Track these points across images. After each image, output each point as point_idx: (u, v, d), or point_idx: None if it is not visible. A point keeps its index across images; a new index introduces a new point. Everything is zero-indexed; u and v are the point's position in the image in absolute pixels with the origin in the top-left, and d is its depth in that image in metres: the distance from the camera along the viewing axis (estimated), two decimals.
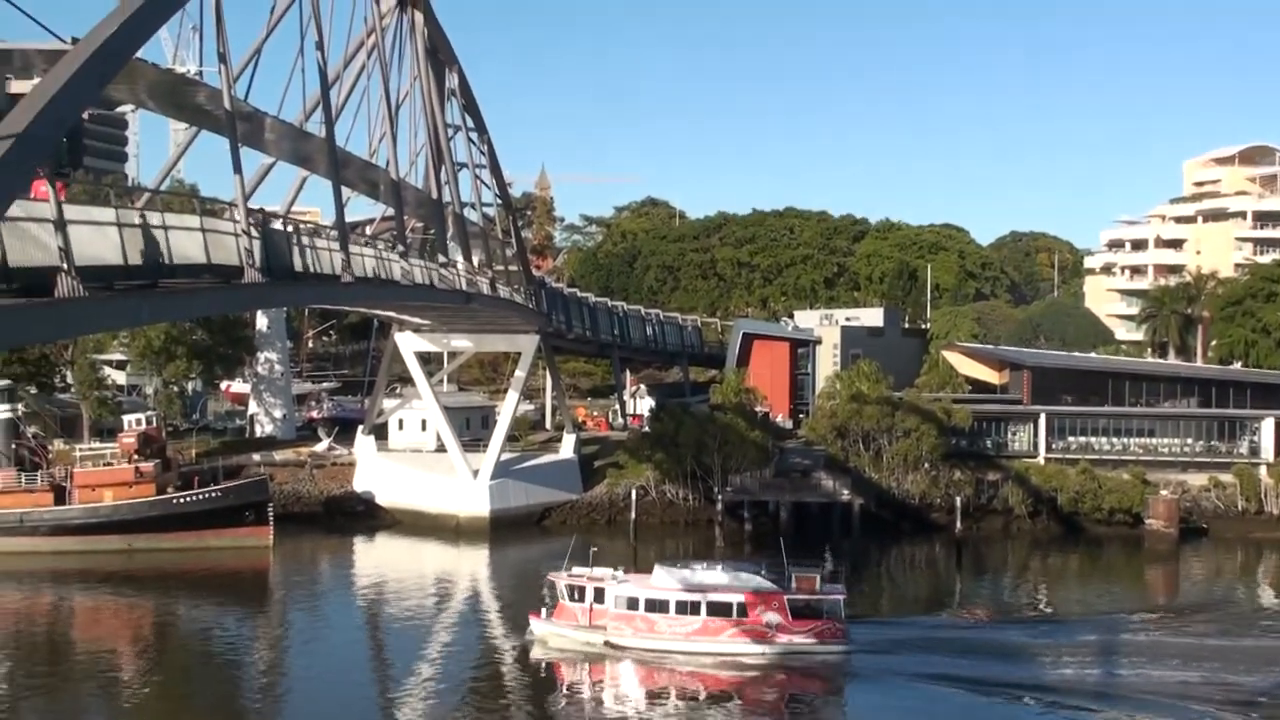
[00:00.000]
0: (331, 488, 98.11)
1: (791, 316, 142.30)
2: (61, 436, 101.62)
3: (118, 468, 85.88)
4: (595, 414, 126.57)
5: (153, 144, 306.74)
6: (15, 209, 22.55)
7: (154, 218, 32.19)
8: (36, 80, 26.26)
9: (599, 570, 60.61)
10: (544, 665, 58.02)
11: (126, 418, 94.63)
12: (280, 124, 50.48)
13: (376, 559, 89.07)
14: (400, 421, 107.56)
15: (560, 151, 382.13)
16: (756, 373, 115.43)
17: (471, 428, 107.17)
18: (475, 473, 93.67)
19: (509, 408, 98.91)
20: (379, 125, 67.67)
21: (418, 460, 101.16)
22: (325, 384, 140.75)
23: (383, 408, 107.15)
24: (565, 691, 54.99)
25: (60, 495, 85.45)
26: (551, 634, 59.41)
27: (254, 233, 37.41)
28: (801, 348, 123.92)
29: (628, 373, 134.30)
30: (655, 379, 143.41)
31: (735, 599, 57.80)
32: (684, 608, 57.80)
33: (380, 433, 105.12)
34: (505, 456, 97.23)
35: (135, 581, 77.94)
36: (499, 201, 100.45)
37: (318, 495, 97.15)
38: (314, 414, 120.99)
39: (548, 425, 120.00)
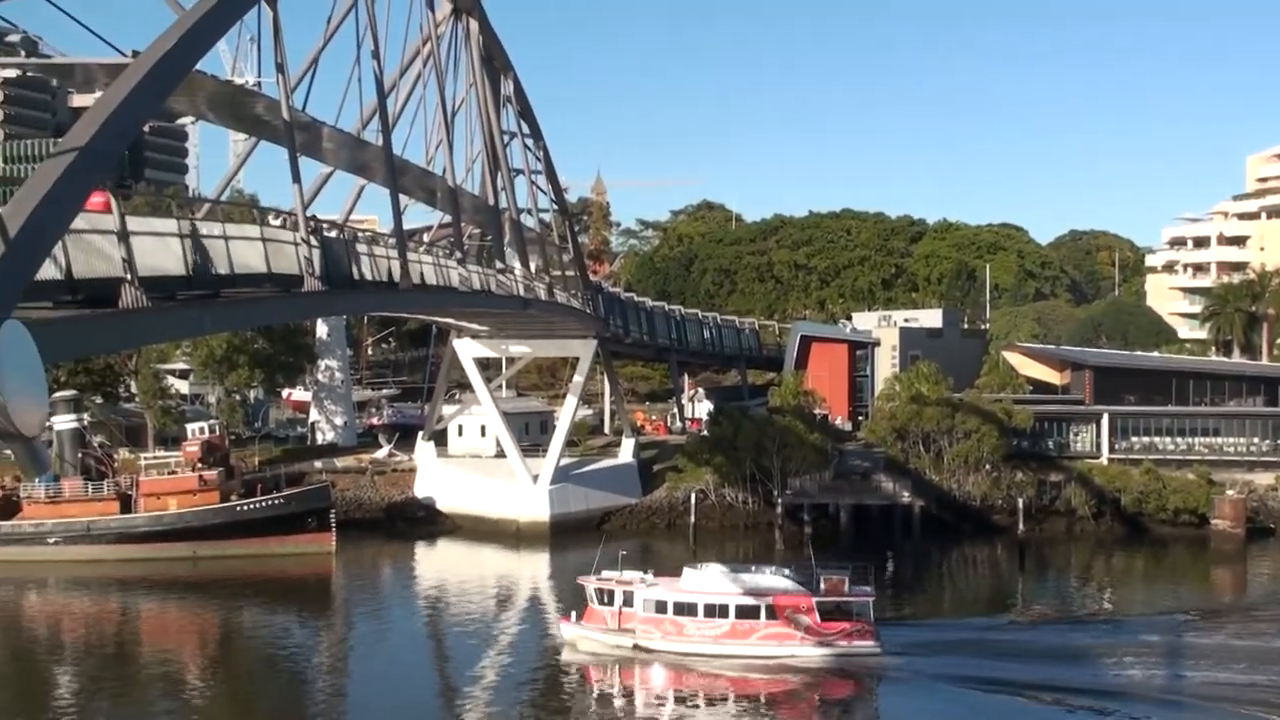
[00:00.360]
0: (392, 494, 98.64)
1: (849, 318, 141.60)
2: (126, 445, 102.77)
3: (182, 476, 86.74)
4: (654, 418, 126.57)
5: (212, 155, 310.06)
6: (79, 221, 22.82)
7: (215, 228, 32.54)
8: (98, 94, 26.59)
9: (629, 574, 60.61)
10: (575, 668, 58.10)
11: (190, 426, 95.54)
12: (338, 133, 50.88)
13: (437, 564, 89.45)
14: (460, 427, 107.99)
15: (615, 156, 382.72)
16: (815, 375, 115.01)
17: (530, 433, 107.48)
18: (535, 478, 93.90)
19: (567, 412, 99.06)
20: (435, 133, 68.15)
21: (477, 466, 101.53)
22: (385, 391, 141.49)
23: (442, 414, 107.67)
24: (594, 694, 55.17)
25: (126, 504, 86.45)
26: (581, 637, 59.56)
27: (313, 241, 37.70)
28: (860, 349, 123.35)
29: (686, 376, 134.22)
30: (713, 382, 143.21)
31: (764, 601, 57.49)
32: (712, 611, 57.56)
33: (440, 439, 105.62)
34: (564, 461, 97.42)
35: (200, 588, 78.69)
36: (555, 207, 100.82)
37: (379, 501, 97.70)
38: (374, 421, 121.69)
39: (606, 430, 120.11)
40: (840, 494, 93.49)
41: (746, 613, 57.35)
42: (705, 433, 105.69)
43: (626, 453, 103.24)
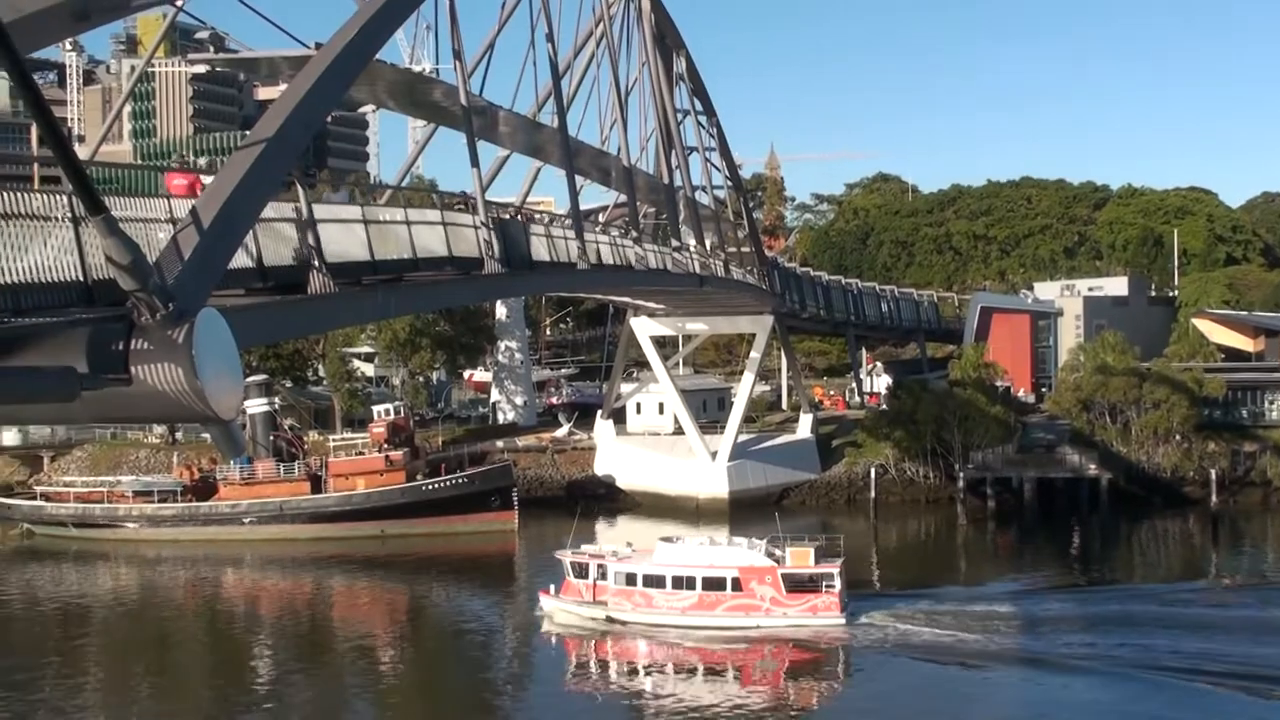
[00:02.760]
0: (573, 472, 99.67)
1: (1031, 288, 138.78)
2: (315, 427, 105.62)
3: (369, 457, 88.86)
4: (832, 393, 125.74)
5: (392, 142, 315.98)
6: (268, 210, 23.49)
7: (397, 213, 33.20)
8: (283, 86, 27.28)
9: (608, 547, 62.60)
10: (554, 638, 60.09)
11: (376, 408, 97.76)
12: (514, 116, 51.52)
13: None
14: (638, 405, 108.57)
15: (789, 131, 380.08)
16: (996, 347, 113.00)
17: (708, 410, 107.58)
18: (713, 454, 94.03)
19: (745, 389, 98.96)
20: (609, 113, 68.52)
21: (656, 443, 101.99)
22: (564, 370, 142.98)
23: (620, 392, 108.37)
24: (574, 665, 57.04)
25: (316, 484, 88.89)
26: (558, 609, 61.05)
27: (492, 225, 38.23)
28: (1042, 320, 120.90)
29: (864, 350, 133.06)
30: (891, 356, 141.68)
31: (729, 574, 58.41)
32: (679, 583, 58.79)
33: (619, 417, 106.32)
34: (743, 437, 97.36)
35: (388, 566, 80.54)
36: (730, 184, 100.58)
37: (560, 480, 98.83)
38: (554, 400, 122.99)
39: (784, 405, 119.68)
40: (1024, 467, 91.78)
41: (712, 585, 58.38)
42: (884, 407, 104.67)
43: (805, 428, 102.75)
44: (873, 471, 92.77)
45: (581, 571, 60.55)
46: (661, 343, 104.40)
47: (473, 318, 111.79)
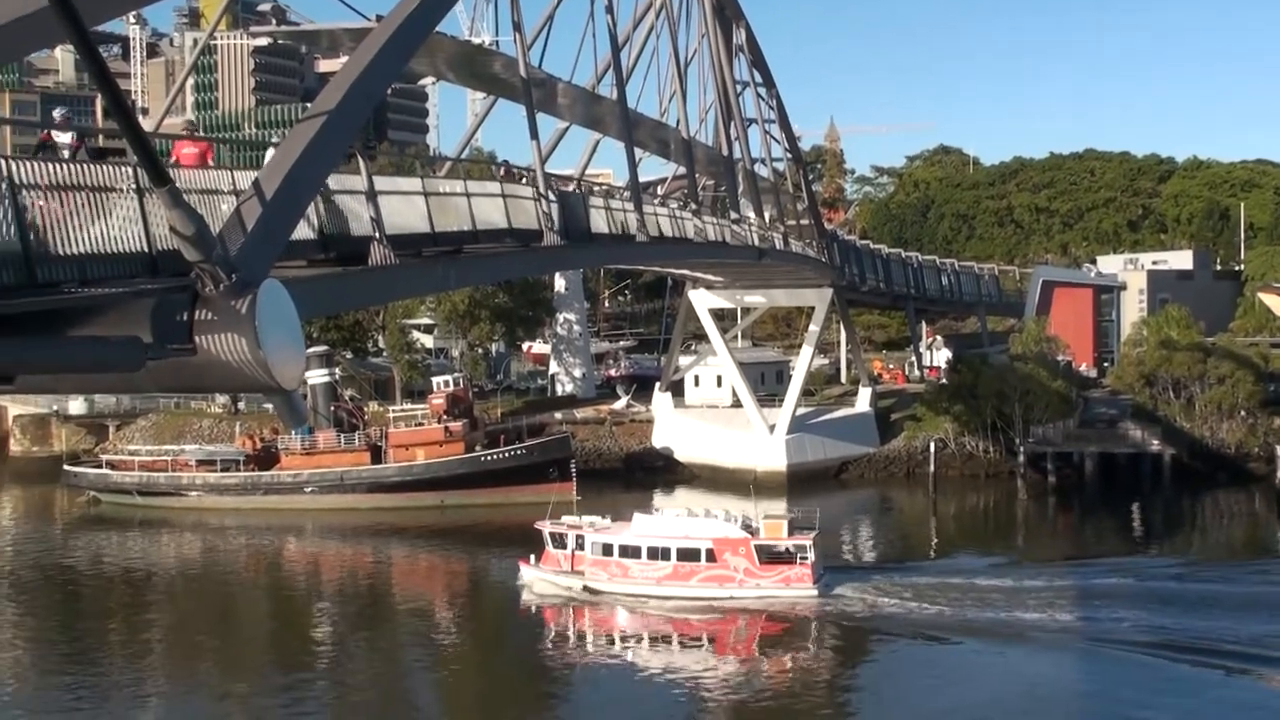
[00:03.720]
0: (631, 444, 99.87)
1: (1093, 262, 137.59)
2: (375, 398, 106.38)
3: (429, 428, 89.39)
4: (891, 366, 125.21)
5: (451, 114, 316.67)
6: (330, 182, 23.64)
7: (457, 185, 33.31)
8: (344, 58, 27.40)
9: (588, 518, 63.26)
10: (534, 608, 60.95)
11: (435, 379, 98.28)
12: (573, 88, 51.54)
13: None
14: (696, 378, 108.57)
15: (849, 103, 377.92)
16: (1057, 321, 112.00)
17: (766, 383, 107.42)
18: (771, 427, 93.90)
19: (803, 362, 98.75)
20: (668, 85, 68.45)
21: (714, 416, 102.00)
22: (622, 343, 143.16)
23: (679, 365, 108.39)
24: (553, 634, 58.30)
25: (376, 454, 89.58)
26: (537, 579, 62.02)
27: (551, 197, 38.28)
28: (1105, 294, 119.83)
29: (923, 324, 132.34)
30: (951, 329, 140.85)
31: (704, 545, 59.31)
32: (655, 553, 59.74)
33: (677, 389, 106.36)
34: (801, 411, 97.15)
35: (447, 536, 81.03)
36: (789, 156, 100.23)
37: (618, 452, 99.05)
38: (612, 372, 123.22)
39: (843, 379, 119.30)
40: (1085, 442, 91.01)
41: (687, 555, 59.32)
42: (944, 381, 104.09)
43: (863, 402, 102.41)
44: (932, 445, 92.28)
45: (560, 542, 61.59)
46: (720, 315, 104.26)
47: (532, 290, 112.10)
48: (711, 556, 59.15)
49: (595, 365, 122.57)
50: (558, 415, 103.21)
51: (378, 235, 25.76)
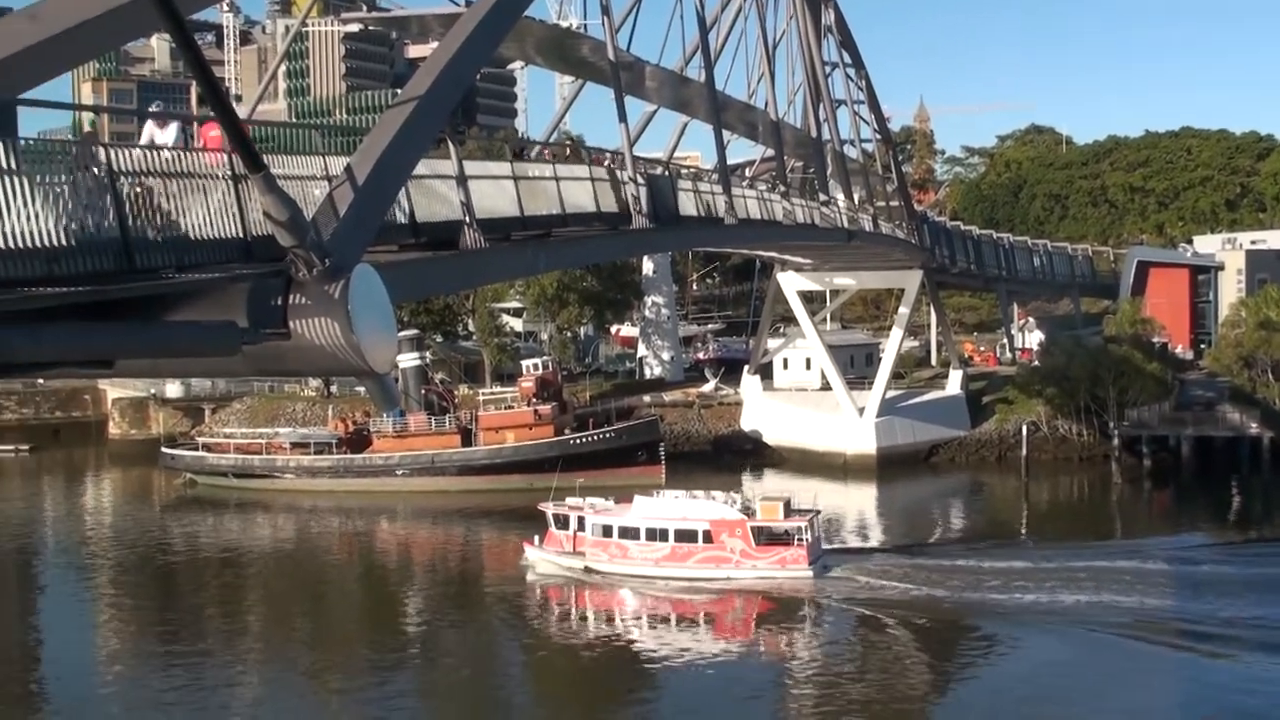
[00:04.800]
0: (719, 427, 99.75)
1: (1190, 242, 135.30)
2: (465, 382, 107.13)
3: (518, 411, 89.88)
4: (982, 349, 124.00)
5: (540, 98, 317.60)
6: (420, 167, 23.81)
7: (545, 169, 33.42)
8: (434, 44, 27.57)
9: (592, 500, 64.12)
10: (539, 588, 62.15)
11: (524, 363, 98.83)
12: (661, 71, 51.45)
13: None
14: (785, 361, 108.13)
15: (939, 83, 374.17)
16: (1153, 302, 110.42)
17: (855, 365, 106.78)
18: (861, 410, 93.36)
19: (893, 344, 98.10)
20: (757, 66, 68.12)
21: (803, 399, 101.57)
22: (710, 326, 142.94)
23: (767, 347, 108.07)
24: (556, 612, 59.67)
25: (467, 437, 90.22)
26: (540, 560, 63.17)
27: (640, 180, 38.29)
28: (1202, 274, 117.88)
29: (1015, 305, 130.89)
30: (1044, 311, 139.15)
31: (701, 526, 60.15)
32: (653, 535, 60.63)
33: (765, 372, 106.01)
34: (891, 393, 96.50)
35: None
36: (878, 137, 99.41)
37: (706, 435, 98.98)
38: (700, 355, 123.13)
39: (933, 361, 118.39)
40: (1181, 425, 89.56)
41: (684, 537, 60.18)
42: (1036, 363, 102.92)
43: (954, 384, 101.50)
44: (1024, 429, 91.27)
45: (563, 523, 62.69)
46: (809, 298, 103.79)
47: (620, 273, 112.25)
48: (708, 538, 60.12)
49: (683, 348, 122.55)
50: (646, 398, 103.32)
51: (468, 219, 25.89)
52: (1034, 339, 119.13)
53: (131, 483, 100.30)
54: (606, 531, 61.59)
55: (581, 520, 62.20)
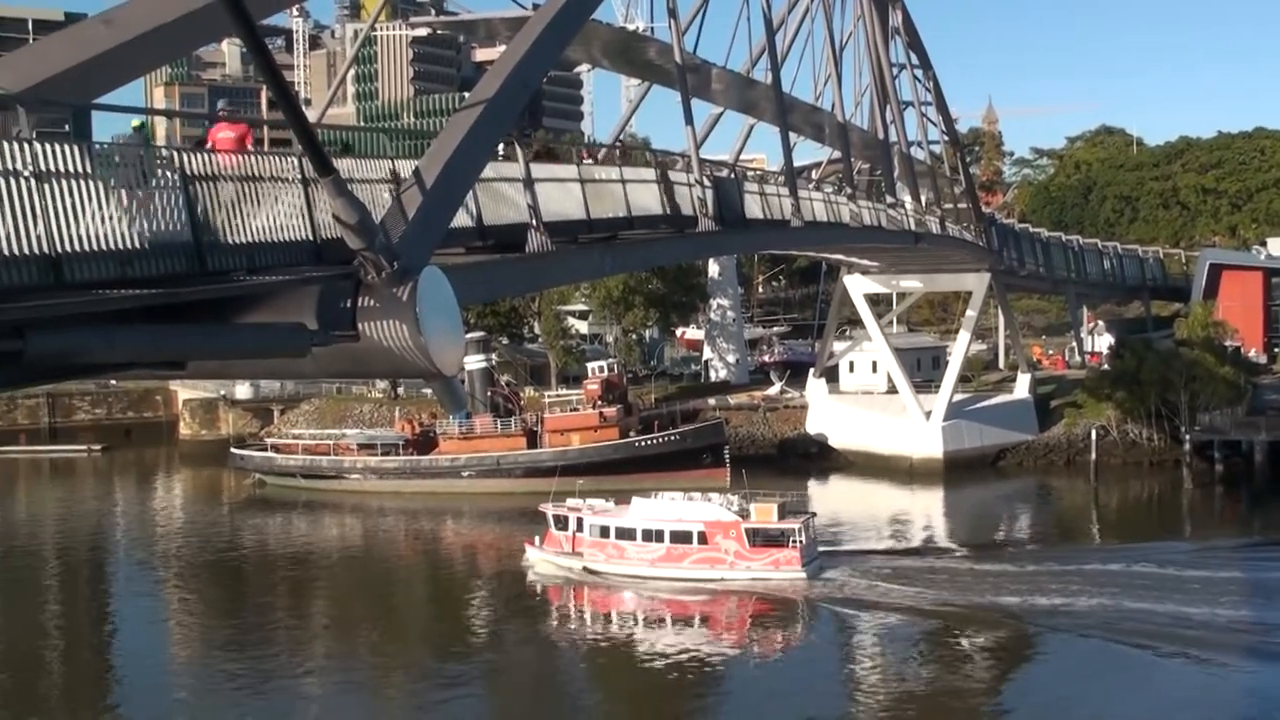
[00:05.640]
0: (785, 430, 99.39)
1: (1264, 244, 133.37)
2: (531, 384, 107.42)
3: (584, 413, 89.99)
4: (1051, 352, 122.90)
5: (606, 101, 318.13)
6: (488, 170, 23.92)
7: (612, 172, 33.47)
8: (501, 48, 27.71)
9: (593, 501, 65.34)
10: (539, 588, 63.37)
11: (590, 365, 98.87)
12: (727, 74, 51.42)
13: (830, 500, 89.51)
14: (850, 364, 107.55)
15: (1008, 84, 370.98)
16: (1226, 305, 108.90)
17: (922, 369, 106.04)
18: (928, 414, 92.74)
19: (960, 348, 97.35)
20: (823, 68, 67.89)
21: (869, 402, 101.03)
22: (776, 328, 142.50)
23: (833, 350, 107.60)
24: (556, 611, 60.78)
25: (532, 439, 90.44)
26: (540, 560, 64.43)
27: (706, 183, 38.27)
28: (1276, 277, 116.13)
29: (1084, 308, 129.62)
30: (1114, 314, 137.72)
31: (695, 528, 61.03)
32: (649, 536, 61.61)
33: (831, 375, 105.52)
34: (958, 397, 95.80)
35: None
36: (945, 138, 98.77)
37: (771, 438, 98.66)
38: (766, 358, 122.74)
39: (1001, 365, 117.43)
40: (1254, 430, 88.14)
41: (679, 538, 61.15)
42: (1106, 366, 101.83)
43: (1022, 388, 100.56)
44: (1093, 433, 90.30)
45: (562, 524, 63.67)
46: (875, 300, 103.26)
47: (685, 275, 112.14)
48: (703, 539, 60.91)
49: (749, 351, 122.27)
50: (711, 401, 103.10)
51: (534, 222, 26.00)
52: (1103, 342, 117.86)
53: (201, 483, 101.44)
54: (604, 532, 62.62)
55: (580, 521, 63.27)
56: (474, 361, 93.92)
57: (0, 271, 12.10)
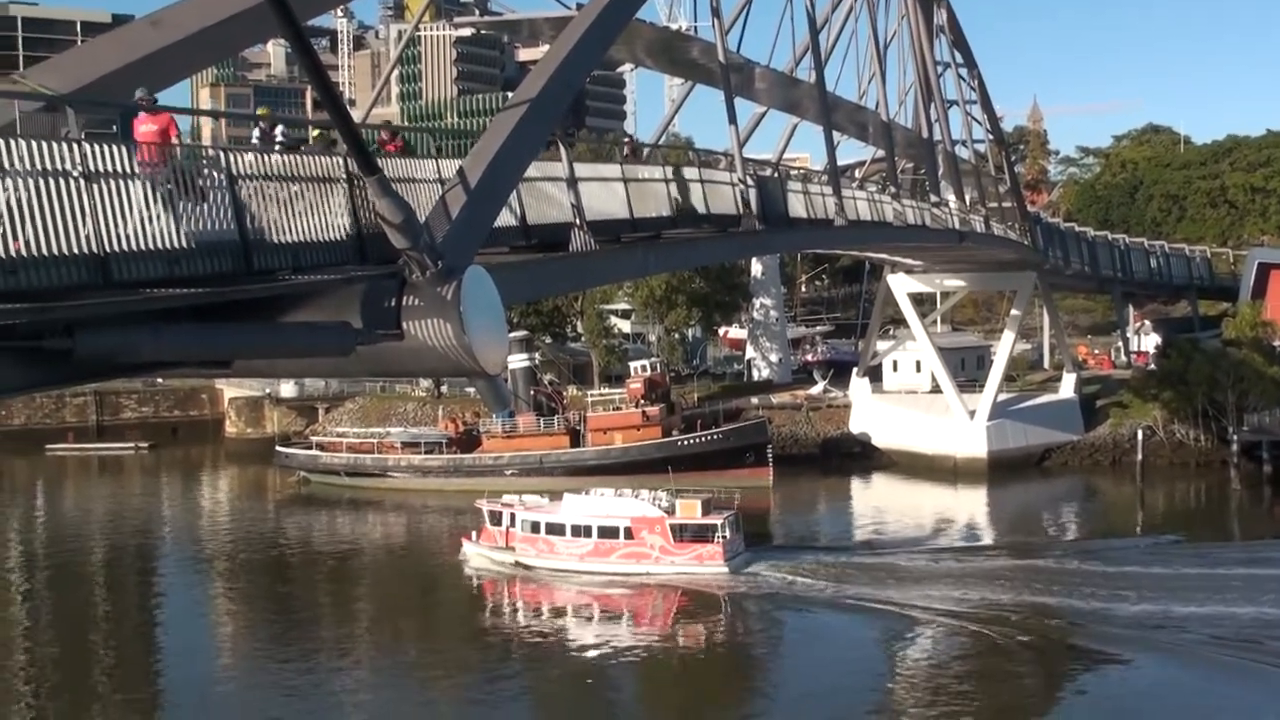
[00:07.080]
0: (828, 429, 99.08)
1: None
2: (574, 383, 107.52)
3: (627, 412, 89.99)
4: (1096, 352, 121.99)
5: (649, 100, 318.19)
6: (531, 170, 23.96)
7: (655, 171, 33.48)
8: (544, 47, 27.76)
9: (525, 496, 67.36)
10: (476, 582, 65.10)
11: (633, 364, 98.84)
12: (770, 73, 51.44)
13: (873, 499, 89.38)
14: (894, 363, 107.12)
15: (1053, 82, 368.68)
16: (1274, 304, 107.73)
17: (966, 368, 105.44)
18: (972, 413, 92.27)
19: (1005, 347, 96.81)
20: (867, 67, 67.80)
21: (913, 401, 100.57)
22: (819, 328, 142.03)
23: (876, 350, 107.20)
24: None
25: (575, 438, 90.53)
26: (475, 554, 66.04)
27: (750, 181, 38.24)
28: None
29: (1131, 308, 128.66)
30: (1160, 314, 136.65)
31: (622, 523, 62.46)
32: (578, 531, 63.12)
33: (874, 375, 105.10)
34: (1002, 397, 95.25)
35: None
36: (990, 137, 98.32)
37: (814, 437, 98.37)
38: (809, 357, 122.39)
39: (1046, 364, 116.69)
40: None
41: (607, 533, 62.53)
42: (1153, 366, 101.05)
43: (1067, 388, 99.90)
44: (1139, 433, 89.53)
45: (496, 519, 65.23)
46: (919, 300, 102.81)
47: (728, 275, 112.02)
48: (629, 534, 62.26)
49: (792, 350, 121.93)
50: (754, 400, 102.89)
51: (578, 221, 26.04)
52: (1150, 342, 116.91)
53: (247, 480, 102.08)
54: (535, 528, 63.97)
55: (513, 517, 64.50)
56: (517, 361, 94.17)
57: (50, 271, 12.23)
